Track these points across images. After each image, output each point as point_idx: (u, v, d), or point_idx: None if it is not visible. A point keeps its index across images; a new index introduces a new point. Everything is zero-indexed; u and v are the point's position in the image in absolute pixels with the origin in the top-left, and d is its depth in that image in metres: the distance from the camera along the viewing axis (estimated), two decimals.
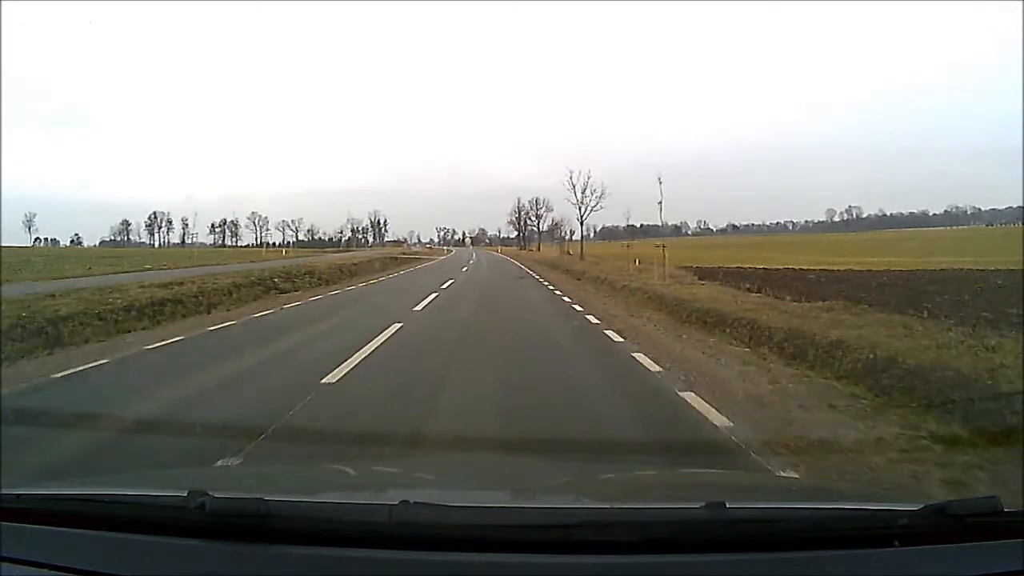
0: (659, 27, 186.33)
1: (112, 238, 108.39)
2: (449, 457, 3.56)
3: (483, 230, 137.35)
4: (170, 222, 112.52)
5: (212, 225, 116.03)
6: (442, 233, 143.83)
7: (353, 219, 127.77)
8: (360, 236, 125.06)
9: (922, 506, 1.20)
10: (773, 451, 3.68)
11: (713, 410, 4.62)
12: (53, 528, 1.28)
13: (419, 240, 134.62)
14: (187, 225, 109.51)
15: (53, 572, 1.17)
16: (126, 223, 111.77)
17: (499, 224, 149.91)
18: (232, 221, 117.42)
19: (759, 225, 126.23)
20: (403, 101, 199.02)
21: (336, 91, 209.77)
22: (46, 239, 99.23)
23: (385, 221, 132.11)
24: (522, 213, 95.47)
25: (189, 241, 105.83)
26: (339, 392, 5.44)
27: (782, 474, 3.29)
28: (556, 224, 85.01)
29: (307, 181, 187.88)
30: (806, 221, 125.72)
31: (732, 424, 4.26)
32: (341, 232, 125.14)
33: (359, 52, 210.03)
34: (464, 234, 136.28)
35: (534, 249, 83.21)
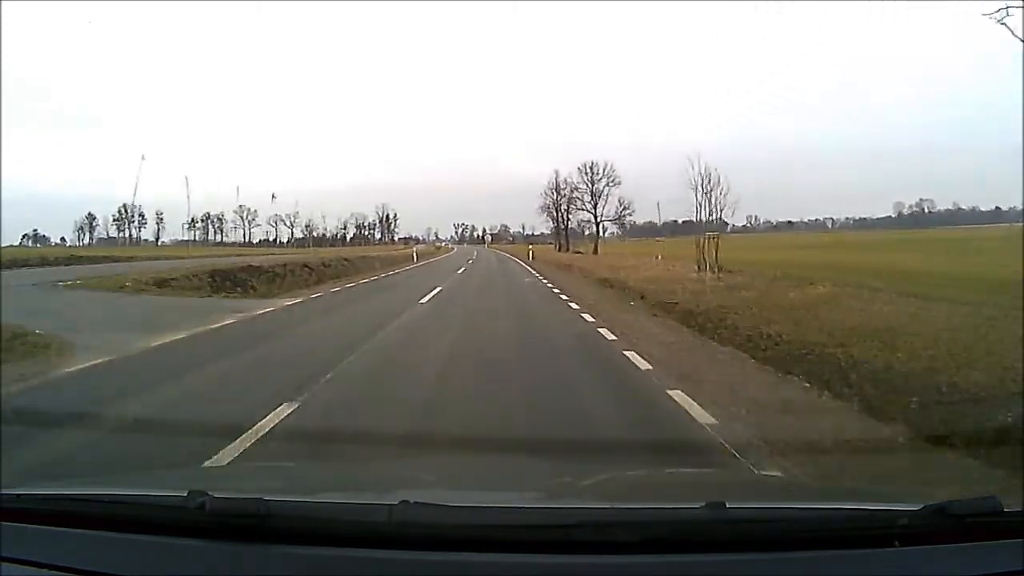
0: (682, 21, 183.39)
1: (76, 234, 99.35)
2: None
3: (505, 226, 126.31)
4: (142, 216, 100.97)
5: (192, 220, 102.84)
6: (460, 230, 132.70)
7: (357, 214, 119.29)
8: (366, 232, 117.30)
9: (922, 506, 1.20)
10: None
11: None
12: (53, 528, 1.28)
13: (436, 237, 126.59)
14: (161, 220, 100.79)
15: (53, 572, 1.18)
16: (91, 217, 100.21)
17: (524, 218, 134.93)
18: (217, 216, 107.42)
19: (797, 222, 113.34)
20: (421, 97, 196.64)
21: (351, 87, 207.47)
22: (33, 237, 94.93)
23: (395, 216, 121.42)
24: (562, 193, 63.36)
25: (164, 240, 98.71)
26: None
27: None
28: (625, 208, 59.44)
29: (320, 180, 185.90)
30: (847, 218, 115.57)
31: None
32: (344, 228, 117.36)
33: (377, 47, 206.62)
34: (484, 230, 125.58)
35: (583, 251, 52.66)
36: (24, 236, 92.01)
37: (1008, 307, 7.66)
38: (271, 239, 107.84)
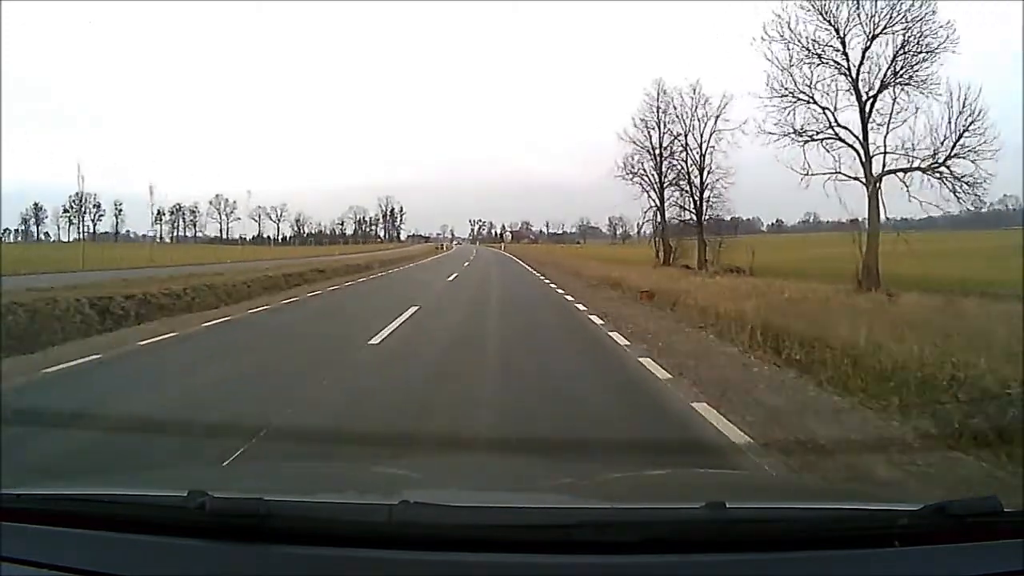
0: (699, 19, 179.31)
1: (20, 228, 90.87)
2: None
3: (527, 223, 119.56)
4: (98, 206, 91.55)
5: (158, 212, 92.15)
6: (477, 226, 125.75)
7: (356, 207, 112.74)
8: (367, 228, 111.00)
9: (922, 506, 1.20)
10: None
11: None
12: (53, 528, 1.28)
13: (452, 234, 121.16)
14: (120, 211, 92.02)
15: (53, 572, 1.17)
16: (38, 207, 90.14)
17: (547, 215, 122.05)
18: (191, 208, 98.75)
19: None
20: (439, 92, 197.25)
21: (366, 83, 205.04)
22: (16, 230, 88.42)
23: (400, 210, 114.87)
24: (678, 118, 27.99)
25: (125, 232, 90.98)
26: None
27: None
28: (970, 126, 15.64)
29: (332, 178, 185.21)
30: (886, 218, 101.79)
31: None
32: (342, 224, 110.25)
33: (394, 41, 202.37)
34: (503, 227, 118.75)
35: (744, 265, 22.26)
36: (6, 230, 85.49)
37: None
38: (260, 235, 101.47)
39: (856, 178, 17.91)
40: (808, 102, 18.21)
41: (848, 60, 17.84)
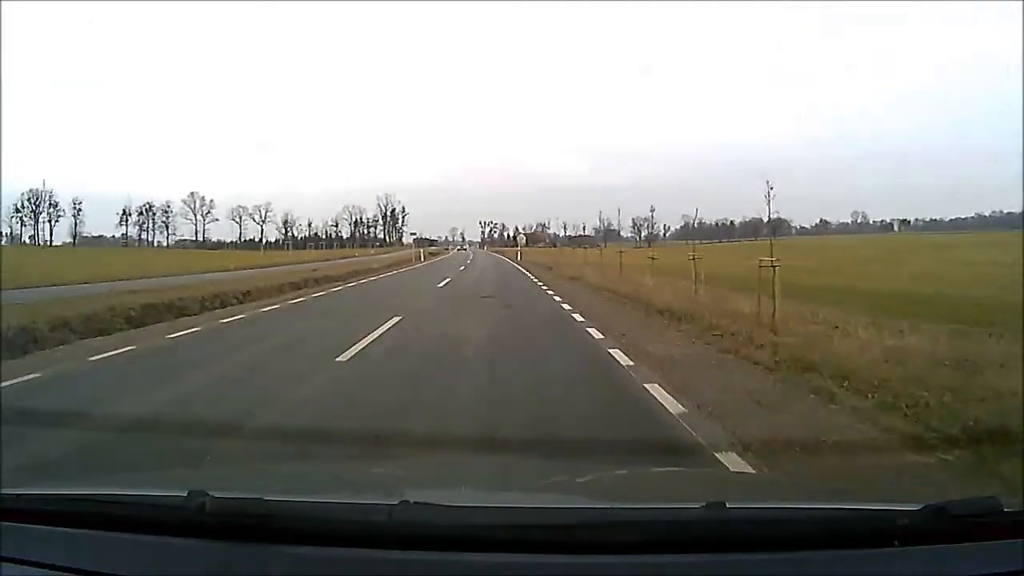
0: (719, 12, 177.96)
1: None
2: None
3: (542, 224, 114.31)
4: (55, 205, 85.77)
5: (124, 211, 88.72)
6: (488, 229, 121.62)
7: (354, 208, 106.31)
8: (364, 230, 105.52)
9: (922, 506, 1.20)
10: None
11: None
12: (53, 528, 1.28)
13: (463, 237, 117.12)
14: (79, 211, 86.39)
15: (53, 572, 1.18)
16: None
17: (564, 217, 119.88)
18: (163, 207, 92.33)
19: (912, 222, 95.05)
20: (446, 91, 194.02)
21: (370, 81, 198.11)
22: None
23: (403, 210, 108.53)
24: None
25: (89, 234, 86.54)
26: None
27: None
28: None
29: (338, 181, 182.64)
30: (916, 219, 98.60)
31: None
32: (336, 225, 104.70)
33: (405, 42, 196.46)
34: (516, 229, 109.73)
35: None
36: None
37: None
38: (252, 239, 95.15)
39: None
40: None
41: None
